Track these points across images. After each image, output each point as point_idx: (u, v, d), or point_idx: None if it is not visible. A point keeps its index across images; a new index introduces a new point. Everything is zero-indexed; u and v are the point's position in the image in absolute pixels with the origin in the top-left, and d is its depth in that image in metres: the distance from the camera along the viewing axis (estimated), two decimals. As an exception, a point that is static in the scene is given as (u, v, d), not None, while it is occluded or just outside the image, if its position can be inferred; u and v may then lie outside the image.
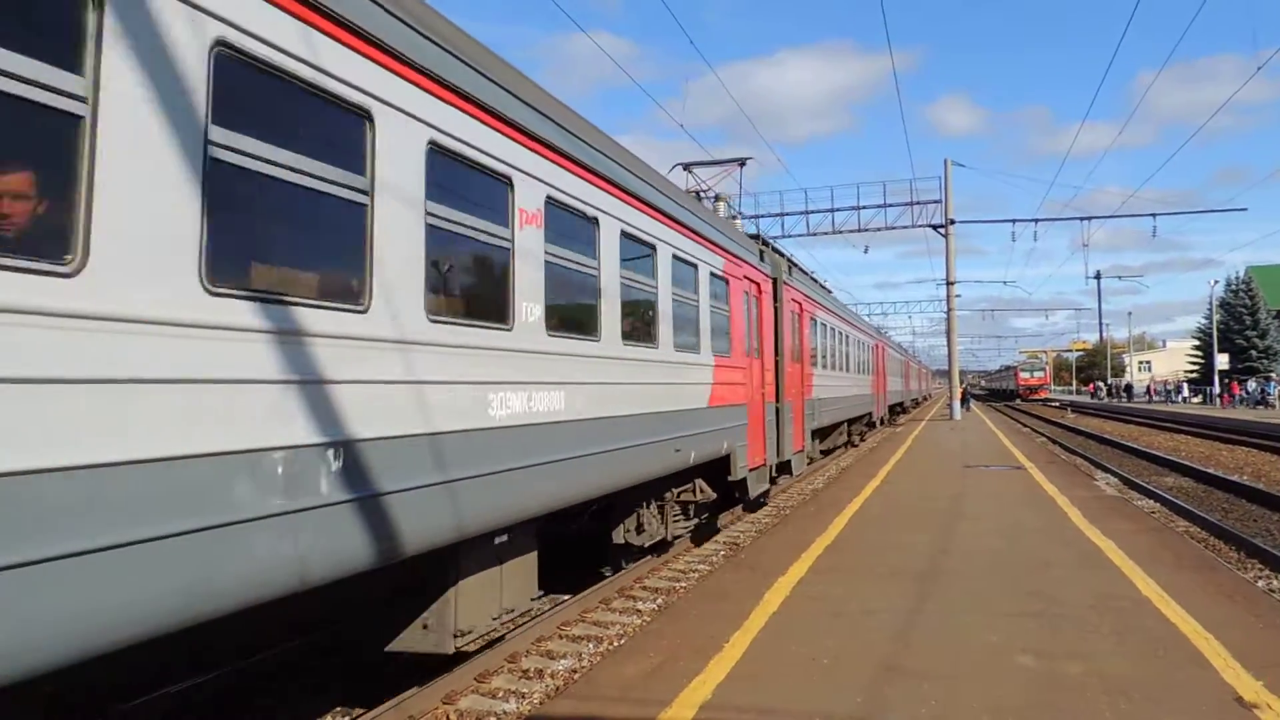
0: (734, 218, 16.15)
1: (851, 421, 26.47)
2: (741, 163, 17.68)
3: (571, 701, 5.20)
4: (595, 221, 7.38)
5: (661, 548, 10.45)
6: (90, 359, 3.04)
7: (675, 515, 10.25)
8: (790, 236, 39.51)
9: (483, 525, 5.56)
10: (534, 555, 6.89)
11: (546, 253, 6.44)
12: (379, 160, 4.55)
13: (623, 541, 9.46)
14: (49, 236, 3.04)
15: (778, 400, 14.12)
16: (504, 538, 6.21)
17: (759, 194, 49.80)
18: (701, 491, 10.73)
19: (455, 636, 5.86)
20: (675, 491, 10.18)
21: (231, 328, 3.64)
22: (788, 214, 39.66)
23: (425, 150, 4.94)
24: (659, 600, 8.99)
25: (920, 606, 7.03)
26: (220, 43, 3.63)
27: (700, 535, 12.00)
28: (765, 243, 16.08)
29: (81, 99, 3.07)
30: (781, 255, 17.03)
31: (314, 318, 4.09)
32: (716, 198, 14.89)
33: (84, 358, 3.01)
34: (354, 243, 4.48)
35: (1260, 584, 8.94)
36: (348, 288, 4.45)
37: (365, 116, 4.50)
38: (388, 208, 4.61)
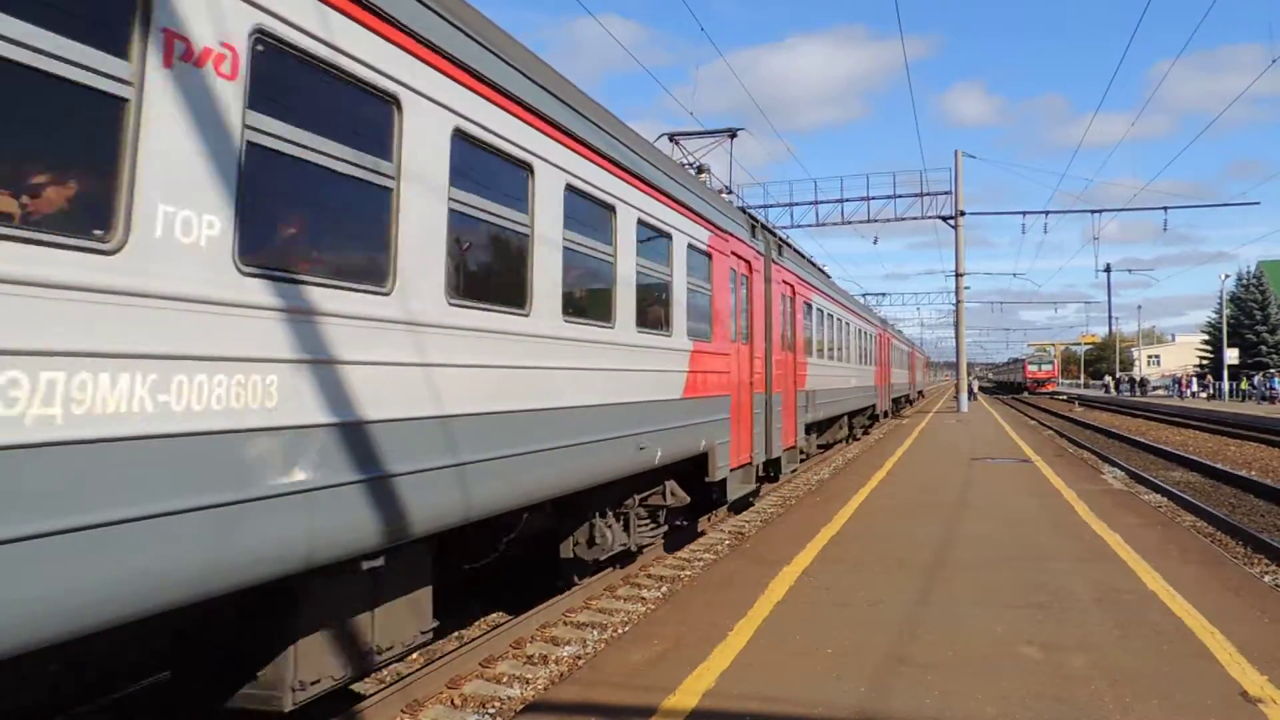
0: (723, 192, 16.46)
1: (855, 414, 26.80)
2: (732, 134, 16.70)
3: (576, 687, 5.21)
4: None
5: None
6: None
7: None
8: (799, 226, 39.38)
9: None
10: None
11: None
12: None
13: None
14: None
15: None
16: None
17: (768, 183, 49.61)
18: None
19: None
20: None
21: None
22: (796, 204, 39.48)
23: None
24: (664, 588, 9.02)
25: (925, 597, 7.04)
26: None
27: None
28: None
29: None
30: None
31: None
32: (699, 169, 14.42)
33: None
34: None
35: (1267, 579, 8.92)
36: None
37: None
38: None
